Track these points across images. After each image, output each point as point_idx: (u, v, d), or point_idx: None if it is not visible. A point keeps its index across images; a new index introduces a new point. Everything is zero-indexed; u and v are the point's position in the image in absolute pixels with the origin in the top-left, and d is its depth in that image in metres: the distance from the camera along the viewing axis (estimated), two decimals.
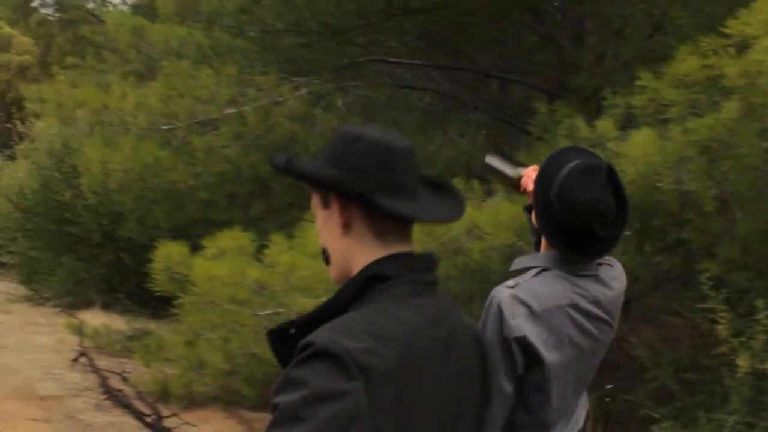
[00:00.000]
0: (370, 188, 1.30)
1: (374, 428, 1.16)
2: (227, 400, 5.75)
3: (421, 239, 4.48)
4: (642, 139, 4.14)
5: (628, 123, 4.59)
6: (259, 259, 4.78)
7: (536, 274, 1.91)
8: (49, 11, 12.76)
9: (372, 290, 1.30)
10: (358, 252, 1.34)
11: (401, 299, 1.30)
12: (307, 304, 4.24)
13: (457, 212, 1.46)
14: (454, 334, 1.37)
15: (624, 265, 2.08)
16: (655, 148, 4.10)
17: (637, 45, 5.78)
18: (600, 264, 1.97)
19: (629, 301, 7.88)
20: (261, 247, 4.95)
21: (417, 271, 1.36)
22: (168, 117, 6.19)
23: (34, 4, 12.88)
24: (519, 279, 1.90)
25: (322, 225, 1.40)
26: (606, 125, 4.49)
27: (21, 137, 12.58)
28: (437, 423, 1.30)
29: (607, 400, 5.40)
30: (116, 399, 5.75)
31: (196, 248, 4.99)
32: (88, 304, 9.36)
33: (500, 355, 1.76)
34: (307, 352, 1.15)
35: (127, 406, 5.58)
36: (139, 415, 5.37)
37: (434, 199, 1.43)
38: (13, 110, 13.17)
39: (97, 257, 9.46)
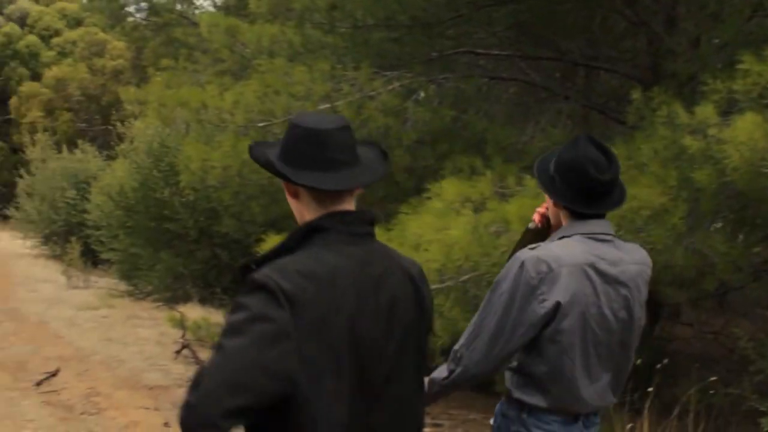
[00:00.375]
0: (297, 166, 1.65)
1: (297, 346, 1.49)
2: None
3: (521, 230, 4.49)
4: (746, 124, 4.02)
5: (729, 108, 4.46)
6: None
7: (557, 240, 2.22)
8: (141, 16, 13.07)
9: (312, 238, 1.64)
10: (306, 213, 1.70)
11: (333, 245, 1.63)
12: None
13: (370, 178, 1.74)
14: (385, 272, 1.69)
15: (725, 255, 2.08)
16: (761, 133, 3.97)
17: (735, 27, 5.59)
18: (623, 242, 2.27)
19: (726, 292, 7.67)
20: None
21: (350, 224, 1.69)
22: (264, 114, 6.33)
23: (128, 9, 13.25)
24: (541, 244, 2.22)
25: (286, 193, 1.75)
26: (706, 111, 4.37)
27: (120, 138, 13.09)
28: (366, 341, 1.61)
29: (712, 392, 5.27)
30: None
31: None
32: (186, 299, 9.67)
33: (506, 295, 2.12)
34: (250, 285, 1.53)
35: None
36: None
37: (363, 167, 1.73)
38: (112, 112, 13.67)
39: (194, 253, 9.75)
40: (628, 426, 4.72)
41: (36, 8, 35.72)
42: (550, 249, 2.17)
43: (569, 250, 2.15)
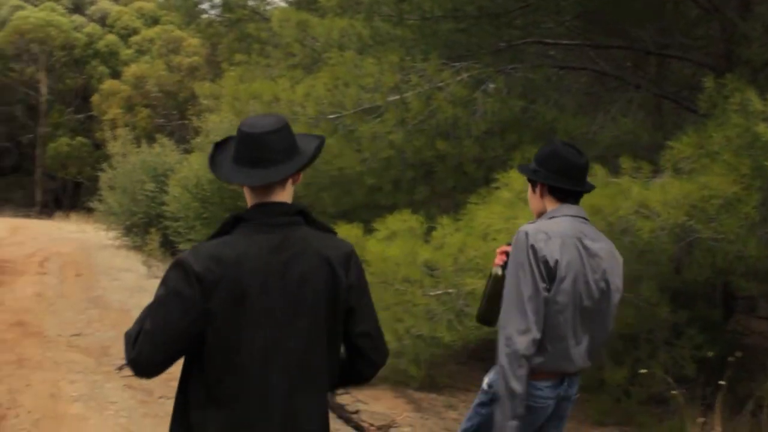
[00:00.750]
0: (238, 163, 2.01)
1: (206, 317, 1.90)
2: (395, 380, 5.96)
3: (591, 219, 4.48)
4: None
5: None
6: (427, 241, 4.93)
7: (548, 219, 2.63)
8: (215, 12, 13.38)
9: (238, 225, 2.00)
10: (248, 202, 2.06)
11: (247, 233, 1.98)
12: (476, 284, 4.34)
13: (282, 174, 2.00)
14: (294, 257, 1.98)
15: None
16: None
17: None
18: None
19: None
20: (428, 230, 5.10)
21: (268, 215, 2.01)
22: (335, 106, 6.47)
23: (202, 6, 13.59)
24: (537, 221, 2.67)
25: None
26: None
27: (196, 132, 13.46)
28: (272, 316, 1.95)
29: None
30: None
31: (365, 231, 5.22)
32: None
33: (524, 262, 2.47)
34: (174, 261, 1.97)
35: None
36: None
37: (289, 163, 2.01)
38: (188, 108, 14.05)
39: None
40: (700, 420, 4.66)
41: (115, 8, 36.86)
42: (544, 223, 2.60)
43: (559, 226, 2.57)
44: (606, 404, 5.42)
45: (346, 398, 5.56)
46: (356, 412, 5.07)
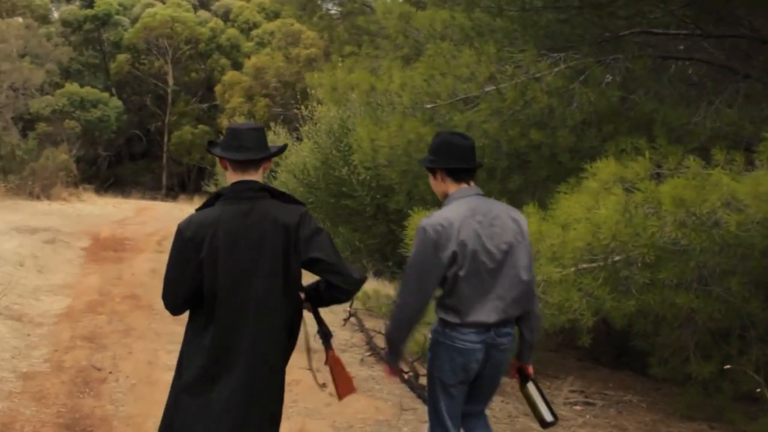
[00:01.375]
0: (225, 149, 2.85)
1: (198, 266, 2.73)
2: None
3: (674, 211, 4.41)
4: None
5: None
6: None
7: (446, 207, 3.13)
8: (330, 5, 13.71)
9: (218, 199, 2.85)
10: (228, 180, 2.92)
11: (224, 204, 2.81)
12: (553, 273, 4.37)
13: (252, 156, 2.82)
14: (259, 221, 2.76)
15: None
16: None
17: None
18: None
19: None
20: None
21: (238, 190, 2.82)
22: (430, 96, 6.58)
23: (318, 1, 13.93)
24: (433, 213, 3.14)
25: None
26: None
27: (306, 120, 13.89)
28: (241, 266, 2.75)
29: None
30: (379, 356, 6.25)
31: None
32: (362, 271, 10.16)
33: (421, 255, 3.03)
34: (177, 228, 2.80)
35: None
36: (398, 372, 5.81)
37: (258, 152, 2.83)
38: (304, 98, 14.50)
39: (371, 228, 10.22)
40: None
41: (238, 3, 38.19)
42: (441, 213, 3.09)
43: (455, 212, 3.06)
44: (694, 398, 5.32)
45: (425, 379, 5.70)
46: None
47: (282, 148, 3.09)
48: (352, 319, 7.34)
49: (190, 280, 2.76)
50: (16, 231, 12.96)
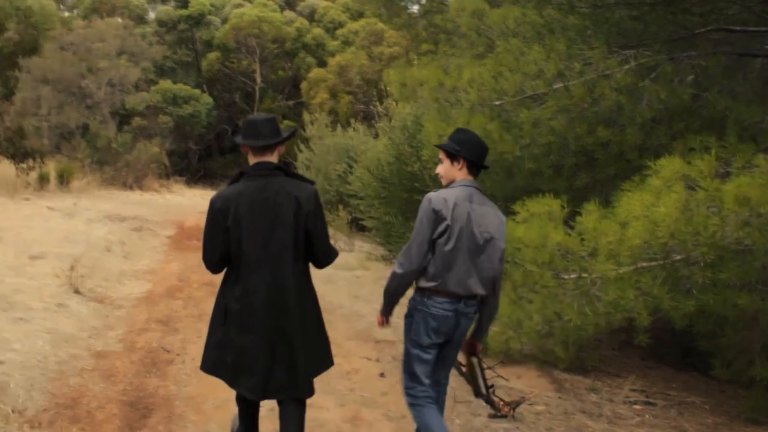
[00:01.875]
0: (245, 137, 3.49)
1: (227, 231, 3.42)
2: (542, 360, 6.03)
3: (738, 210, 4.32)
4: None
5: None
6: (571, 227, 4.97)
7: (450, 188, 3.70)
8: (411, 4, 13.80)
9: (241, 177, 3.48)
10: (249, 162, 3.54)
11: (245, 181, 3.45)
12: (609, 271, 4.35)
13: (266, 143, 3.48)
14: (274, 194, 3.41)
15: None
16: None
17: None
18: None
19: None
20: (577, 215, 5.11)
21: (257, 169, 3.47)
22: (497, 92, 6.59)
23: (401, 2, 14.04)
24: (439, 190, 3.72)
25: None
26: None
27: (381, 117, 14.06)
28: (260, 228, 3.41)
29: None
30: None
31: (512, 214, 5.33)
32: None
33: (425, 219, 3.60)
34: (210, 202, 3.51)
35: None
36: (456, 365, 5.85)
37: (269, 139, 3.49)
38: (387, 95, 14.68)
39: None
40: None
41: (323, 4, 38.78)
42: (445, 191, 3.69)
43: (455, 192, 3.64)
44: (759, 401, 5.19)
45: (486, 373, 5.72)
46: (491, 386, 5.22)
47: (291, 134, 3.71)
48: None
49: (221, 243, 3.46)
50: (108, 219, 13.59)
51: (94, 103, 24.32)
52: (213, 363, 3.64)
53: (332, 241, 7.65)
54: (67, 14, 36.60)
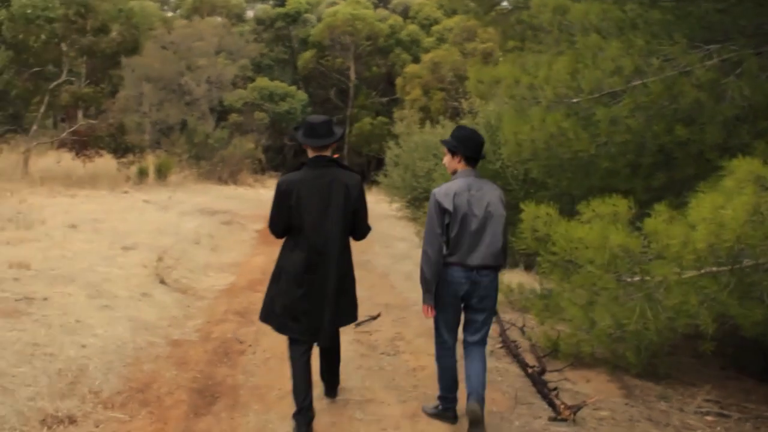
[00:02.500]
0: (306, 137, 4.40)
1: (289, 207, 4.28)
2: (613, 364, 5.89)
3: None
4: None
5: None
6: (638, 228, 4.83)
7: (451, 180, 4.49)
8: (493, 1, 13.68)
9: (303, 166, 4.38)
10: (308, 155, 4.44)
11: (306, 170, 4.35)
12: (671, 274, 4.21)
13: (323, 143, 4.37)
14: (330, 181, 4.29)
15: None
16: None
17: None
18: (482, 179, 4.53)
19: None
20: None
21: (315, 161, 4.36)
22: (573, 89, 6.47)
23: None
24: (443, 184, 4.48)
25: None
26: None
27: (465, 114, 13.99)
28: (316, 207, 4.27)
29: None
30: (509, 348, 6.27)
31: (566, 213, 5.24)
32: (513, 265, 10.14)
33: (433, 212, 4.39)
34: (277, 183, 4.41)
35: (515, 356, 6.05)
36: (523, 365, 5.80)
37: (326, 139, 4.38)
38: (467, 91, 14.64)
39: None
40: None
41: (417, 0, 38.82)
42: (447, 185, 4.44)
43: (455, 184, 4.41)
44: None
45: (553, 375, 5.65)
46: (555, 389, 5.15)
47: (342, 134, 4.57)
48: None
49: (285, 218, 4.33)
50: (199, 212, 14.08)
51: (192, 99, 25.21)
52: (266, 314, 4.60)
53: (417, 239, 7.40)
54: (170, 14, 38.01)
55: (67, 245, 8.72)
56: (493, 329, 7.01)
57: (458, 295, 4.41)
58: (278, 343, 6.20)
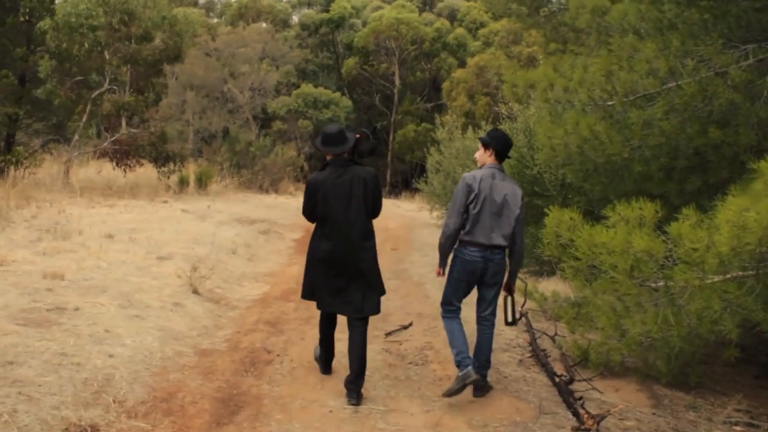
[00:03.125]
0: (321, 144, 5.33)
1: (316, 199, 5.20)
2: (644, 374, 5.73)
3: None
4: None
5: None
6: (666, 232, 4.68)
7: (479, 169, 5.32)
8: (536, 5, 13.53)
9: (326, 166, 5.28)
10: (327, 158, 5.34)
11: (328, 169, 5.23)
12: (692, 278, 4.06)
13: (340, 150, 5.25)
14: (351, 178, 5.16)
15: None
16: None
17: None
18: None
19: None
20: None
21: (336, 162, 5.22)
22: (606, 92, 6.33)
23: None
24: (474, 170, 5.35)
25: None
26: None
27: (504, 119, 13.83)
28: (340, 200, 5.14)
29: None
30: (538, 357, 6.14)
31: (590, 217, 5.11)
32: (551, 273, 9.97)
33: (460, 191, 5.24)
34: (307, 180, 5.48)
35: (544, 365, 5.92)
36: (551, 375, 5.67)
37: (342, 146, 5.25)
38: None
39: None
40: None
41: (464, 4, 38.69)
42: (476, 171, 5.28)
43: (482, 172, 5.24)
44: None
45: (582, 385, 5.52)
46: (580, 398, 5.03)
47: (355, 141, 5.35)
48: (522, 319, 7.25)
49: (313, 209, 5.25)
50: (237, 222, 14.18)
51: (235, 107, 25.48)
52: (307, 292, 5.48)
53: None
54: (215, 20, 38.52)
55: (103, 255, 8.83)
56: (524, 338, 6.91)
57: (476, 273, 5.22)
58: (306, 352, 6.20)
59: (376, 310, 5.37)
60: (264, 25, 34.25)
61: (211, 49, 25.37)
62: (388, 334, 6.90)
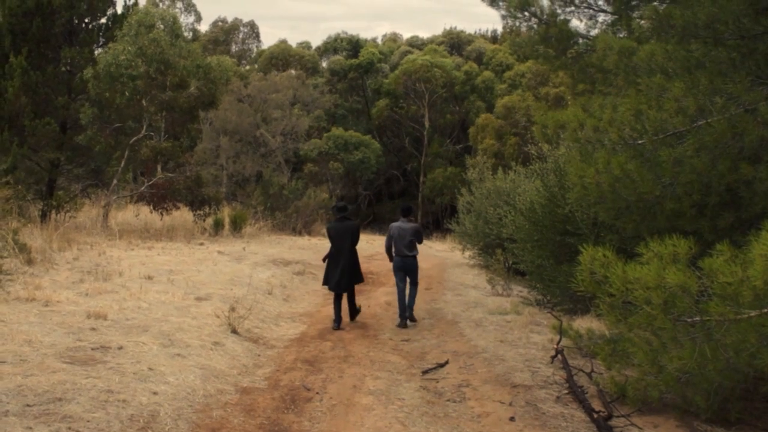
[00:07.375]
0: (335, 211, 10.58)
1: (331, 235, 10.23)
2: (683, 409, 5.72)
3: None
4: None
5: None
6: (700, 268, 4.72)
7: (399, 221, 10.55)
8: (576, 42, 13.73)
9: (335, 218, 10.46)
10: (335, 216, 10.53)
11: (336, 221, 10.29)
12: (727, 312, 4.10)
13: (342, 214, 10.39)
14: (346, 226, 10.13)
15: None
16: None
17: None
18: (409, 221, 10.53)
19: None
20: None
21: (339, 218, 10.23)
22: (636, 131, 6.43)
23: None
24: (397, 222, 10.57)
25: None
26: None
27: (534, 159, 13.96)
28: (341, 237, 10.08)
29: None
30: (575, 394, 6.16)
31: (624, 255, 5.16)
32: (585, 311, 9.97)
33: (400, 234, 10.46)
34: (327, 228, 10.68)
35: (582, 402, 5.94)
36: (589, 411, 5.69)
37: (344, 212, 10.39)
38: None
39: None
40: None
41: (490, 47, 39.17)
42: (396, 223, 10.46)
43: (398, 224, 10.42)
44: None
45: (620, 421, 5.53)
46: None
47: (347, 212, 10.39)
48: (558, 356, 7.27)
49: (329, 238, 10.09)
50: (272, 263, 14.36)
51: (267, 151, 25.90)
52: (324, 281, 10.00)
53: (489, 286, 12.04)
54: (247, 67, 39.31)
55: (143, 296, 9.04)
56: (561, 375, 6.94)
57: (401, 268, 10.20)
58: (345, 389, 6.29)
59: (352, 288, 10.10)
60: (294, 72, 34.92)
61: (244, 96, 25.92)
62: (425, 372, 6.97)
